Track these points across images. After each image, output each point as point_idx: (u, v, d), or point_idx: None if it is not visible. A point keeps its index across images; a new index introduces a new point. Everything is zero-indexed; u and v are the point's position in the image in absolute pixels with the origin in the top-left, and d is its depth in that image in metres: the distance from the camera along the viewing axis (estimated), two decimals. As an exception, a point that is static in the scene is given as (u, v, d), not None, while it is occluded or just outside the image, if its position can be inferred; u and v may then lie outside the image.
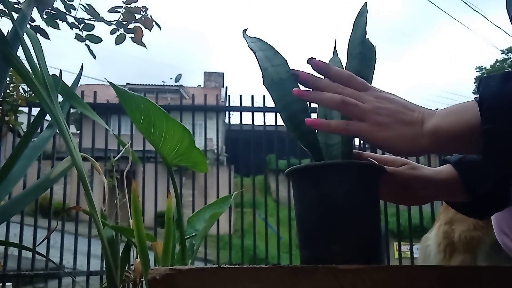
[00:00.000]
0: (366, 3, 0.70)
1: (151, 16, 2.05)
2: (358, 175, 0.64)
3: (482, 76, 0.60)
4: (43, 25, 1.98)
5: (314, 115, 0.72)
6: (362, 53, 0.68)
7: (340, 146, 0.70)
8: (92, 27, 2.04)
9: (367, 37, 0.68)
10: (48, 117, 1.09)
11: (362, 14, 0.69)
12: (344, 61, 0.71)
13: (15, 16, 1.13)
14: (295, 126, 0.70)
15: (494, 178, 0.73)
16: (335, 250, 0.62)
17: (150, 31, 2.05)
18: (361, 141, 3.15)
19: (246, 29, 0.75)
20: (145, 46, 2.08)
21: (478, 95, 0.57)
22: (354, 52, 0.68)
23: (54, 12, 1.98)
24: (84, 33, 2.04)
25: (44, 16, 1.96)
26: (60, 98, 1.18)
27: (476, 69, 21.16)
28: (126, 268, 1.18)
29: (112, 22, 2.05)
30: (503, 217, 0.90)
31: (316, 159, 0.70)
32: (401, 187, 0.76)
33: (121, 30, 2.06)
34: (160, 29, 2.06)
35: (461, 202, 0.80)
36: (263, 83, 0.70)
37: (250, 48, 0.72)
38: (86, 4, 2.00)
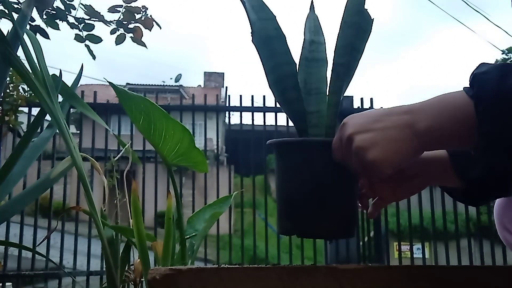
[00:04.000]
0: None
1: (151, 15, 2.05)
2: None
3: (475, 70, 0.56)
4: (43, 25, 1.98)
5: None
6: (358, 23, 0.64)
7: (319, 115, 0.68)
8: (92, 27, 2.04)
9: (365, 7, 0.64)
10: (48, 117, 1.09)
11: None
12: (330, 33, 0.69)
13: (15, 16, 1.13)
14: (281, 91, 0.66)
15: (483, 165, 0.72)
16: (322, 225, 0.63)
17: (150, 30, 2.05)
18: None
19: None
20: (145, 46, 2.08)
21: (472, 91, 0.55)
22: (349, 20, 0.64)
23: (54, 12, 1.98)
24: (84, 33, 2.03)
25: (44, 16, 1.96)
26: (60, 98, 1.18)
27: (476, 69, 21.11)
28: (126, 268, 1.18)
29: (112, 22, 2.05)
30: (505, 214, 0.89)
31: (299, 129, 0.68)
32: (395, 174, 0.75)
33: (121, 30, 2.06)
34: (160, 28, 2.06)
35: (456, 188, 0.79)
36: (252, 41, 0.66)
37: None
38: (86, 4, 2.00)
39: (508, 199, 0.89)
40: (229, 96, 3.99)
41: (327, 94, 0.67)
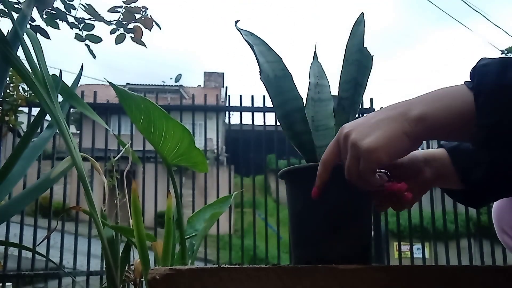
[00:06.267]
0: (362, 13, 0.70)
1: (151, 16, 2.05)
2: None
3: (476, 64, 0.57)
4: (43, 25, 1.98)
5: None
6: (359, 60, 0.68)
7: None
8: (92, 27, 2.04)
9: (364, 45, 0.68)
10: (48, 117, 1.09)
11: (359, 23, 0.69)
12: (327, 67, 0.73)
13: (15, 16, 1.13)
14: (289, 125, 0.69)
15: (485, 167, 0.71)
16: (337, 250, 0.62)
17: (150, 30, 2.05)
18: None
19: (237, 21, 0.73)
20: (145, 46, 2.08)
21: (472, 84, 0.55)
22: (350, 58, 0.68)
23: (54, 12, 1.98)
24: (84, 33, 2.03)
25: (44, 16, 1.96)
26: (60, 98, 1.18)
27: (476, 69, 21.10)
28: (126, 268, 1.18)
29: (112, 22, 2.05)
30: (503, 217, 0.90)
31: (308, 160, 0.70)
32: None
33: (121, 30, 2.06)
34: (160, 28, 2.06)
35: (456, 190, 0.78)
36: (260, 78, 0.70)
37: (246, 41, 0.71)
38: (86, 4, 2.00)
39: (505, 203, 0.90)
40: (229, 96, 3.99)
41: (334, 126, 0.71)
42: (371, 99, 3.82)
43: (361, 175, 0.58)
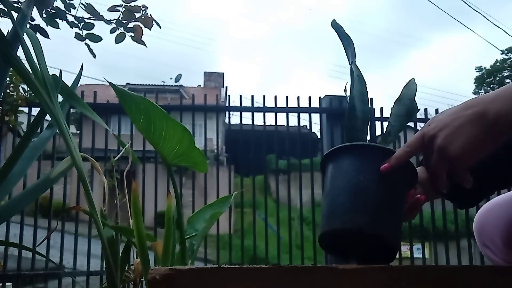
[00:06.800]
0: (413, 78, 0.85)
1: (150, 14, 2.05)
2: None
3: None
4: (42, 24, 1.98)
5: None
6: (408, 106, 0.83)
7: None
8: (92, 26, 2.04)
9: (415, 99, 0.84)
10: (48, 117, 1.09)
11: (412, 84, 0.85)
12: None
13: (15, 16, 1.13)
14: (351, 118, 0.80)
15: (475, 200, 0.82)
16: (390, 228, 0.68)
17: (150, 29, 2.05)
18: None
19: (334, 19, 0.85)
20: (145, 45, 2.08)
21: None
22: (402, 102, 0.85)
23: (53, 11, 1.98)
24: (84, 32, 2.03)
25: (44, 15, 1.96)
26: (60, 98, 1.18)
27: (475, 69, 21.15)
28: (126, 268, 1.18)
29: (112, 21, 2.05)
30: (484, 231, 0.93)
31: None
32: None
33: (121, 29, 2.06)
34: (160, 27, 2.06)
35: (454, 193, 0.84)
36: (350, 65, 0.81)
37: (344, 34, 0.83)
38: (86, 3, 2.00)
39: (484, 218, 0.93)
40: (229, 96, 3.99)
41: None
42: (371, 99, 3.82)
43: (456, 174, 0.67)
